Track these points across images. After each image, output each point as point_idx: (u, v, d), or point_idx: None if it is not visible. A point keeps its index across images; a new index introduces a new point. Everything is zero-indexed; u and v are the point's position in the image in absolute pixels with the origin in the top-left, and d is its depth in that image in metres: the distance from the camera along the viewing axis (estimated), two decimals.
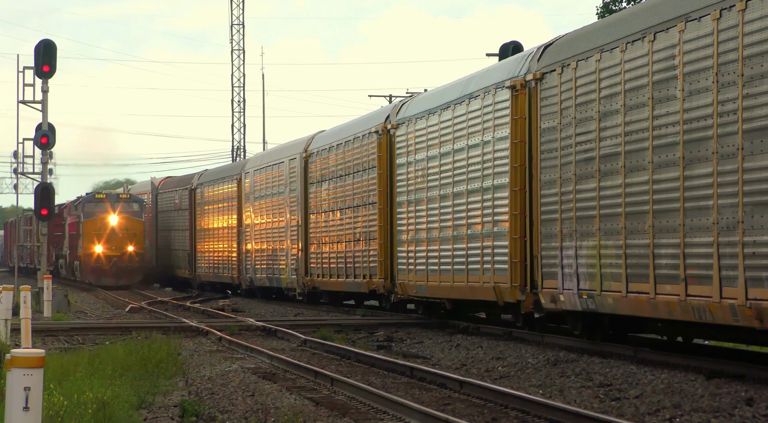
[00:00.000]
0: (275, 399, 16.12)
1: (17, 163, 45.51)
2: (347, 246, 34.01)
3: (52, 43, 37.48)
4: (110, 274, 58.44)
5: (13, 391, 9.43)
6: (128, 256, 58.79)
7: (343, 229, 34.47)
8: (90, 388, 14.78)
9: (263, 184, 43.39)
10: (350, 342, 25.37)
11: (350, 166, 33.95)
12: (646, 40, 18.34)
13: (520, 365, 20.06)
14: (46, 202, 37.58)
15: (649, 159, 18.22)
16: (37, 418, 9.46)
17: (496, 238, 24.13)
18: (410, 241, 29.15)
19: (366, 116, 35.15)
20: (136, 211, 60.47)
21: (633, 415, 14.31)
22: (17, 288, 29.84)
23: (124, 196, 61.04)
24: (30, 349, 9.81)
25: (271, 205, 42.23)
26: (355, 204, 33.49)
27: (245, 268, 45.74)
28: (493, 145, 24.32)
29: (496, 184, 24.22)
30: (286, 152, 41.15)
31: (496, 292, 24.03)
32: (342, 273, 34.54)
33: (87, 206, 60.31)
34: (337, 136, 36.04)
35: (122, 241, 58.86)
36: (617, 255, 19.25)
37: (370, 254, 32.15)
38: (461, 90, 26.54)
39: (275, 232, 41.70)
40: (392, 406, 14.82)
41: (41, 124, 38.18)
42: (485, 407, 15.26)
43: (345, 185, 34.38)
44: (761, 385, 15.75)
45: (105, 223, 59.01)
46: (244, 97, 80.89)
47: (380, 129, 31.37)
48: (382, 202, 31.23)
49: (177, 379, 18.74)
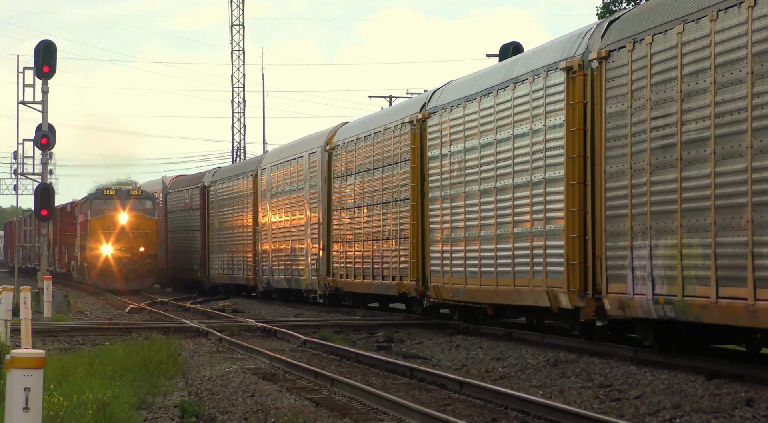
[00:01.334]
0: (275, 399, 16.12)
1: (17, 164, 45.53)
2: (375, 245, 31.80)
3: (52, 44, 37.48)
4: (120, 278, 53.69)
5: (13, 391, 9.43)
6: (139, 258, 54.18)
7: (371, 227, 32.21)
8: (90, 389, 14.76)
9: (281, 180, 41.11)
10: (350, 343, 25.37)
11: (379, 160, 31.55)
12: (743, 6, 16.07)
13: (520, 366, 20.05)
14: (46, 203, 37.59)
15: (747, 144, 15.96)
16: (37, 418, 9.46)
17: (548, 238, 21.88)
18: (445, 240, 26.81)
19: (398, 106, 33.01)
20: (148, 209, 55.59)
21: (633, 415, 14.31)
22: (17, 289, 29.83)
23: (135, 193, 55.58)
24: (30, 350, 9.80)
25: (290, 203, 40.04)
26: (384, 200, 31.15)
27: (261, 269, 43.66)
28: (545, 134, 22.05)
29: (549, 177, 21.89)
30: (306, 146, 38.78)
31: (550, 297, 21.75)
32: (368, 274, 32.39)
33: (95, 203, 55.36)
34: (365, 127, 33.54)
35: (133, 241, 54.24)
36: (704, 255, 16.94)
37: (400, 254, 29.97)
38: (504, 74, 24.28)
39: (294, 230, 39.49)
40: (392, 406, 14.81)
41: (41, 125, 38.20)
42: (485, 408, 15.26)
43: (373, 180, 32.03)
44: (761, 385, 15.74)
45: (114, 222, 54.27)
46: (244, 98, 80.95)
47: (414, 119, 29.01)
48: (415, 198, 28.95)
49: (177, 379, 18.74)
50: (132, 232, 54.31)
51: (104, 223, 54.30)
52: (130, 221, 54.39)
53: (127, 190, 55.34)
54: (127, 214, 54.35)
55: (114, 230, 54.15)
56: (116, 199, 54.65)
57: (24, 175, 44.87)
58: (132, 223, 54.44)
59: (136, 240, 54.27)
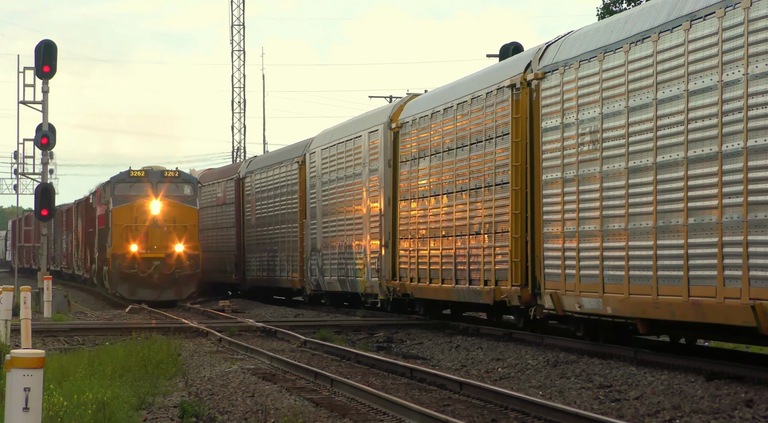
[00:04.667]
0: (275, 400, 16.12)
1: (17, 164, 45.51)
2: (459, 242, 26.13)
3: (52, 44, 37.50)
4: (150, 284, 41.97)
5: (13, 391, 9.44)
6: (176, 259, 42.35)
7: (453, 219, 26.54)
8: (90, 389, 14.77)
9: (333, 166, 35.48)
10: (350, 343, 25.38)
11: (465, 136, 25.93)
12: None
13: (520, 366, 20.07)
14: (47, 203, 37.61)
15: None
16: (37, 418, 9.47)
17: (752, 231, 15.95)
18: (569, 235, 21.05)
19: (490, 68, 27.17)
20: (187, 196, 43.52)
21: (633, 416, 14.32)
22: (17, 289, 29.86)
23: (171, 174, 43.55)
24: (30, 350, 9.81)
25: (344, 191, 34.44)
26: (472, 186, 25.44)
27: (309, 269, 37.80)
28: (745, 87, 16.07)
29: (752, 146, 15.93)
30: (365, 124, 33.46)
31: (757, 313, 15.77)
32: (449, 277, 26.61)
33: (118, 188, 43.36)
34: (444, 98, 27.84)
35: (168, 237, 42.50)
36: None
37: (495, 253, 24.20)
38: (667, 13, 18.32)
39: (349, 223, 33.90)
40: (392, 407, 14.82)
41: (41, 125, 38.22)
42: (485, 408, 15.27)
43: (456, 162, 26.40)
44: (761, 386, 15.75)
45: (144, 212, 42.64)
46: (244, 98, 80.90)
47: (518, 82, 23.21)
48: (519, 181, 23.17)
49: (177, 379, 18.75)
50: (167, 225, 42.65)
51: (130, 214, 42.77)
52: (165, 211, 42.74)
53: (160, 170, 43.75)
54: (160, 203, 42.77)
55: (143, 223, 42.66)
56: (146, 183, 43.02)
57: (24, 175, 44.86)
58: (167, 213, 42.76)
59: (173, 236, 42.56)
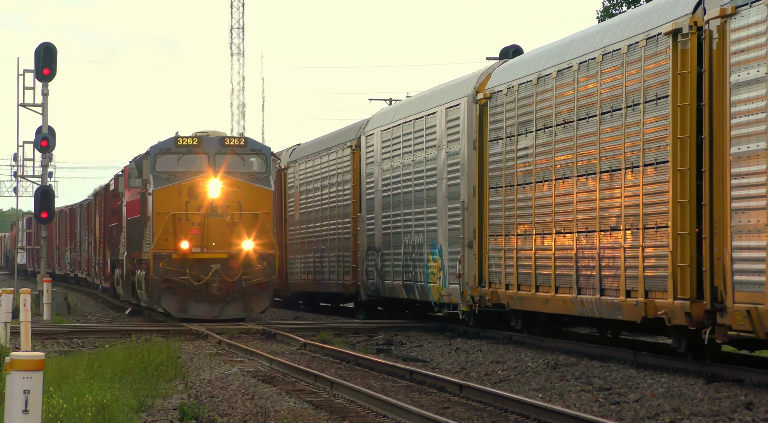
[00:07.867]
0: (275, 402, 16.12)
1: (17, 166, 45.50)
2: (585, 239, 20.75)
3: (52, 46, 37.52)
4: (207, 297, 30.78)
5: (12, 394, 9.43)
6: (245, 261, 30.90)
7: (570, 210, 21.30)
8: (89, 391, 14.77)
9: (398, 149, 29.79)
10: (350, 345, 25.37)
11: (591, 104, 20.56)
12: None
13: (519, 369, 20.07)
14: (46, 205, 37.62)
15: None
16: (37, 421, 9.46)
17: None
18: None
19: (629, 14, 20.87)
20: (259, 173, 31.80)
21: (633, 419, 14.32)
22: (17, 291, 29.84)
23: (235, 142, 31.72)
24: (29, 352, 9.80)
25: (413, 180, 28.93)
26: (604, 168, 20.05)
27: (365, 272, 31.88)
28: None
29: None
30: (441, 98, 27.54)
31: None
32: (566, 284, 21.35)
33: (161, 162, 31.50)
34: (554, 58, 22.21)
35: (233, 230, 31.03)
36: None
37: (645, 254, 18.66)
38: None
39: (419, 218, 28.55)
40: (391, 409, 14.82)
41: (41, 127, 38.23)
42: (484, 411, 15.27)
43: (577, 138, 21.02)
44: (761, 389, 15.75)
45: (197, 195, 31.05)
46: (243, 100, 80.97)
47: (684, 26, 17.53)
48: (685, 159, 17.54)
49: (176, 382, 18.74)
50: (230, 213, 31.10)
51: (179, 199, 31.16)
52: (227, 193, 31.14)
53: (219, 136, 31.84)
54: (220, 182, 31.09)
55: (197, 211, 31.09)
56: (201, 155, 31.46)
57: (24, 178, 44.86)
58: (230, 196, 31.18)
59: (238, 228, 31.07)
